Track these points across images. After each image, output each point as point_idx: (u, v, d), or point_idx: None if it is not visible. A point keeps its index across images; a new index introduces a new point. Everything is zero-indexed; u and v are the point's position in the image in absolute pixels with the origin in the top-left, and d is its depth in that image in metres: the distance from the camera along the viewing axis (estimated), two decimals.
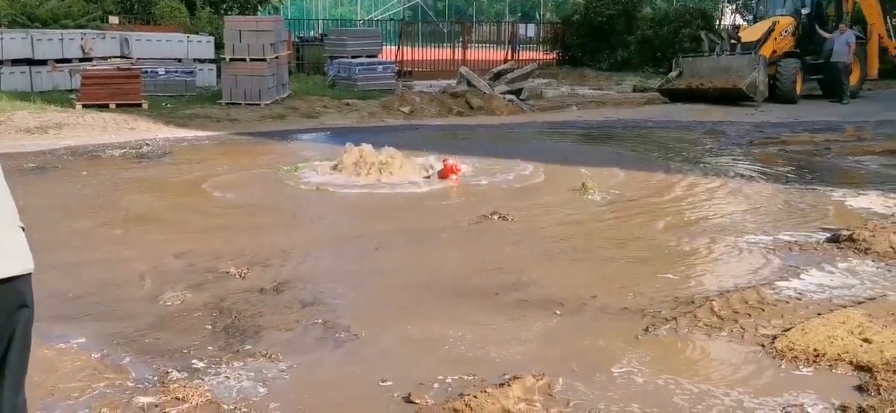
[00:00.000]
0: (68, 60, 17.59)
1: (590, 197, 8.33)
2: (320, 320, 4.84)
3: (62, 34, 17.86)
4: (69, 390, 3.78)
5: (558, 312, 4.98)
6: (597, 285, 5.53)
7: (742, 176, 9.82)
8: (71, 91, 16.35)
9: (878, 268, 5.88)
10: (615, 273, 5.87)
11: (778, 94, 18.38)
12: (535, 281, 5.61)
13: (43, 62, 17.07)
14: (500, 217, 7.40)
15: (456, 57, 26.47)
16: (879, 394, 3.77)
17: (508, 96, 17.72)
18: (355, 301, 5.26)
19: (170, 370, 4.03)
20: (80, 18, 20.12)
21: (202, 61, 19.79)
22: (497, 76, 18.98)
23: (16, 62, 16.72)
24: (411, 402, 3.73)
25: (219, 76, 18.74)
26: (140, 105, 15.54)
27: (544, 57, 28.53)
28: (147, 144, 12.00)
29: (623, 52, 27.00)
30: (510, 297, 5.29)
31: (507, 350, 4.40)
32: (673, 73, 19.59)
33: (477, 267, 6.01)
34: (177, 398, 3.70)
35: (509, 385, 3.84)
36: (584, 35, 27.28)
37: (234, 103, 16.09)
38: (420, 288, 5.52)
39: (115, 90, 15.68)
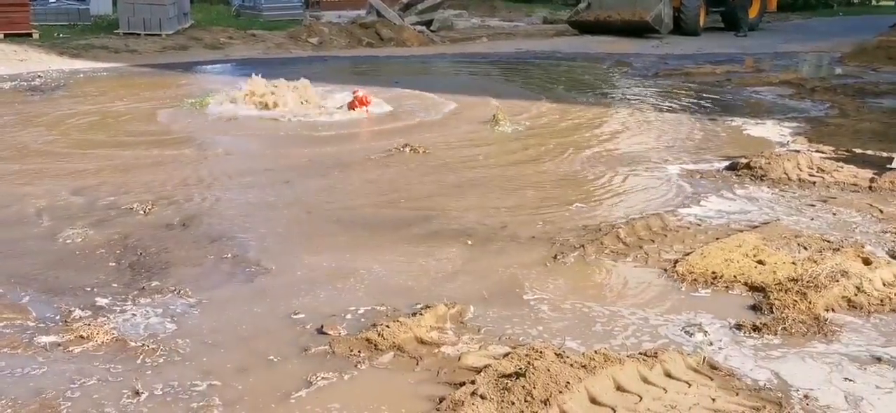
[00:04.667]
0: None
1: (501, 129, 8.39)
2: (229, 255, 4.77)
3: None
4: None
5: (469, 242, 5.04)
6: (507, 215, 5.61)
7: (648, 106, 10.07)
8: None
9: (772, 194, 6.16)
10: (525, 203, 5.96)
11: (682, 26, 18.84)
12: (447, 212, 5.65)
13: None
14: (411, 149, 7.39)
15: None
16: (772, 312, 3.98)
17: (419, 27, 17.58)
18: (265, 235, 5.19)
19: (72, 309, 3.91)
20: None
21: None
22: (407, 7, 18.77)
23: None
24: (324, 333, 3.73)
25: (115, 5, 17.88)
26: (30, 35, 14.74)
27: None
28: (39, 76, 11.43)
29: None
30: (422, 229, 5.32)
31: (418, 280, 4.43)
32: (582, 5, 19.78)
33: (388, 199, 6.01)
34: (81, 337, 3.60)
35: (421, 314, 3.88)
36: None
37: (132, 33, 15.42)
38: (331, 221, 5.48)
39: (2, 19, 14.79)
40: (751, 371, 3.42)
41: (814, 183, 6.36)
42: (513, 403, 3.03)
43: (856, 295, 4.14)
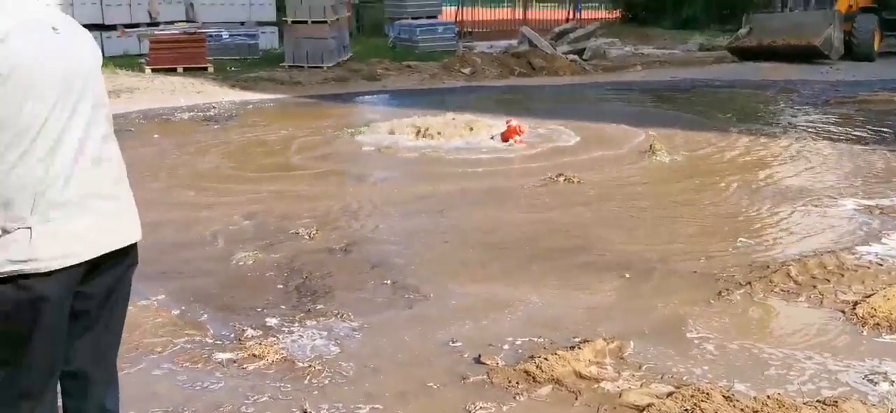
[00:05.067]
0: (136, 25, 17.95)
1: (658, 158, 8.18)
2: (389, 281, 4.88)
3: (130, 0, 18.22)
4: (152, 345, 3.90)
5: (627, 275, 4.92)
6: (666, 248, 5.45)
7: (818, 136, 9.51)
8: (140, 56, 16.70)
9: None
10: (685, 236, 5.76)
11: (854, 51, 17.68)
12: (604, 243, 5.56)
13: (113, 27, 17.45)
14: (566, 179, 7.33)
15: (517, 17, 26.17)
16: None
17: (571, 56, 17.47)
18: (423, 262, 5.28)
19: (245, 328, 4.12)
20: None
21: (264, 24, 19.99)
22: (559, 36, 18.72)
23: (87, 27, 17.09)
24: (481, 363, 3.74)
25: (281, 39, 18.91)
26: (206, 69, 15.80)
27: (607, 16, 28.00)
28: (213, 107, 12.20)
29: (688, 9, 26.23)
30: (578, 260, 5.25)
31: (576, 313, 4.37)
32: (743, 31, 18.98)
33: (544, 229, 5.98)
34: (254, 355, 3.79)
35: (580, 348, 3.82)
36: None
37: (296, 66, 16.23)
38: (487, 249, 5.51)
39: (181, 54, 15.97)
40: None
41: None
42: None
43: None
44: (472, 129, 9.56)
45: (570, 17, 25.92)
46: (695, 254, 5.30)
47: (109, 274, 2.30)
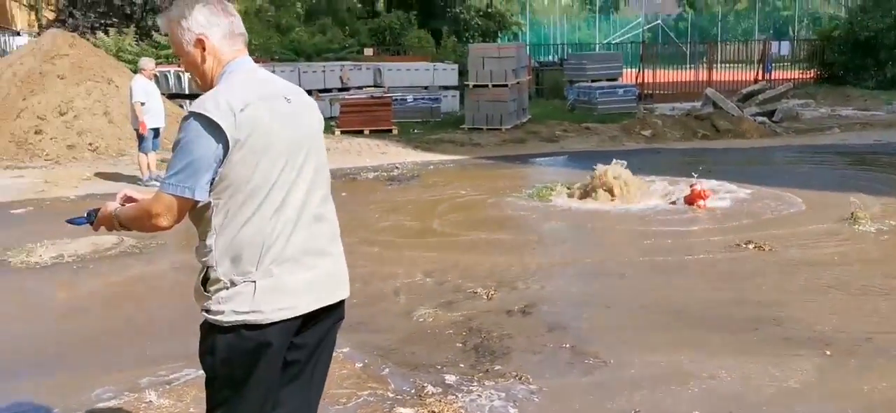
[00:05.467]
0: (329, 90, 19.11)
1: (860, 227, 7.58)
2: (568, 344, 4.81)
3: (324, 66, 19.47)
4: (338, 396, 4.04)
5: (828, 352, 4.56)
6: (871, 324, 5.01)
7: None
8: (331, 119, 17.72)
9: None
10: (893, 312, 5.27)
11: None
12: (799, 316, 5.19)
13: (308, 93, 18.62)
14: (755, 246, 6.96)
15: (700, 78, 25.45)
16: None
17: (759, 118, 16.71)
18: (602, 327, 5.16)
19: (425, 384, 4.19)
20: (340, 51, 21.80)
21: (446, 88, 20.66)
22: (746, 97, 17.98)
23: None
24: None
25: (462, 102, 19.45)
26: (390, 131, 16.50)
27: (800, 76, 26.62)
28: (397, 168, 12.67)
29: (893, 68, 24.43)
30: (770, 333, 4.94)
31: (766, 390, 4.09)
32: None
33: (731, 298, 5.68)
34: (433, 412, 3.83)
35: None
36: (846, 51, 25.11)
37: (476, 128, 16.60)
38: (670, 317, 5.31)
39: (368, 117, 16.81)
40: None
41: None
42: None
43: None
44: (653, 191, 9.33)
45: (759, 77, 24.84)
46: None
47: (320, 327, 2.44)
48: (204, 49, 2.35)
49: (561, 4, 53.03)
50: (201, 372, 2.39)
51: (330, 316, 2.46)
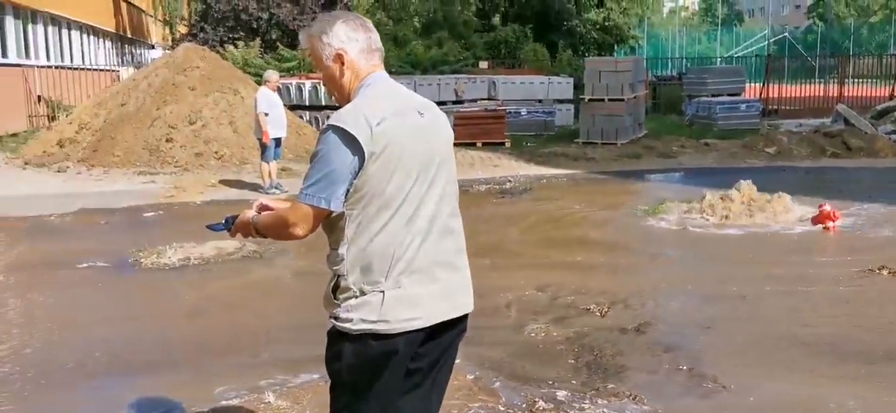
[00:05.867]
0: (443, 103, 19.30)
1: None
2: (684, 366, 4.66)
3: (440, 79, 19.69)
4: (449, 407, 4.03)
5: None
6: None
7: None
8: None
9: None
10: None
11: None
12: None
13: None
14: (889, 272, 6.56)
15: (830, 94, 24.26)
16: None
17: (895, 137, 15.77)
18: (721, 350, 4.97)
19: (537, 399, 4.15)
20: (455, 64, 22.01)
21: (561, 102, 20.50)
22: (881, 114, 17.05)
23: None
24: None
25: (576, 116, 19.25)
26: (503, 144, 16.52)
27: None
28: (509, 181, 12.66)
29: None
30: None
31: None
32: None
33: (862, 325, 5.37)
34: None
35: None
36: None
37: (590, 142, 16.40)
38: (794, 343, 5.06)
39: (482, 130, 16.88)
40: None
41: None
42: None
43: None
44: (777, 210, 8.95)
45: (894, 93, 23.46)
46: None
47: (444, 339, 2.45)
48: (342, 63, 2.42)
49: (681, 17, 51.79)
50: (316, 376, 2.45)
51: (454, 328, 2.47)
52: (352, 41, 2.42)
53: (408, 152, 2.31)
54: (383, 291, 2.29)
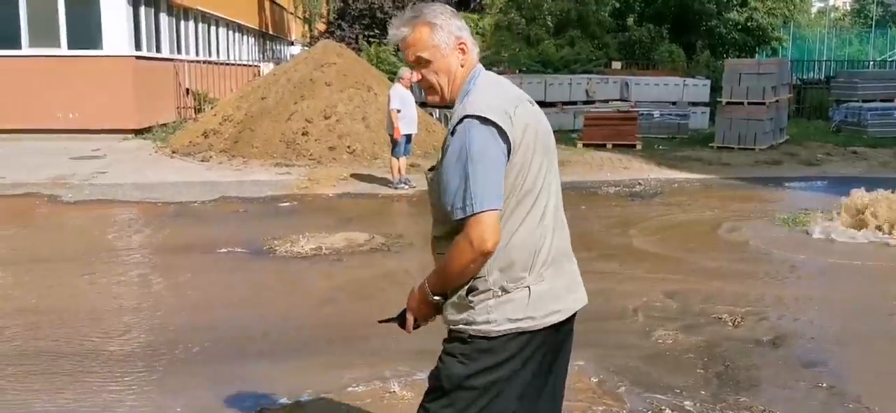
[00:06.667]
0: (574, 103, 19.11)
1: None
2: (824, 384, 4.41)
3: (571, 79, 19.50)
4: (572, 408, 3.99)
5: None
6: None
7: None
8: (573, 131, 17.70)
9: None
10: None
11: None
12: None
13: (553, 104, 18.78)
14: None
15: None
16: None
17: None
18: (865, 369, 4.68)
19: (663, 407, 4.03)
20: (587, 64, 21.72)
21: (696, 104, 19.85)
22: None
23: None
24: None
25: (712, 119, 18.59)
26: (634, 146, 16.15)
27: None
28: (639, 184, 12.36)
29: None
30: None
31: None
32: None
33: None
34: None
35: None
36: None
37: (726, 147, 15.80)
38: None
39: (612, 131, 16.57)
40: None
41: None
42: None
43: None
44: None
45: None
46: None
47: (564, 332, 2.40)
48: (464, 52, 2.29)
49: (830, 18, 49.05)
50: None
51: (570, 322, 2.41)
52: (465, 30, 2.32)
53: (538, 141, 2.24)
54: (528, 286, 2.22)
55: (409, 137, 11.48)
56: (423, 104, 16.82)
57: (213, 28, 24.07)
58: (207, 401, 4.19)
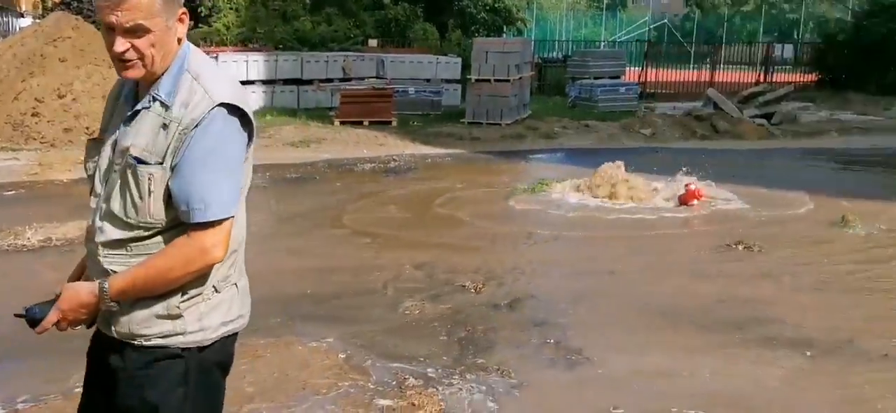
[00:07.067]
0: (331, 80, 19.09)
1: (851, 231, 7.60)
2: (552, 340, 4.83)
3: (328, 56, 19.44)
4: (318, 386, 4.06)
5: (809, 353, 4.58)
6: (854, 327, 5.03)
7: None
8: (331, 109, 17.71)
9: None
10: (877, 315, 5.29)
11: None
12: (784, 318, 5.21)
13: (310, 82, 18.66)
14: (745, 247, 6.97)
15: (703, 79, 25.41)
16: None
17: (758, 120, 16.70)
18: (588, 324, 5.18)
19: (407, 376, 4.21)
20: (344, 42, 21.77)
21: (449, 81, 20.63)
22: (747, 99, 17.96)
23: (287, 82, 18.47)
24: None
25: (463, 96, 19.43)
26: (390, 122, 16.48)
27: (801, 79, 26.55)
28: (394, 160, 12.67)
29: (895, 73, 24.34)
30: (754, 333, 4.96)
31: (749, 390, 4.12)
32: None
33: (718, 298, 5.70)
34: (413, 404, 3.85)
35: None
36: (849, 55, 25.02)
37: (476, 122, 16.58)
38: (656, 316, 5.33)
39: (368, 108, 16.78)
40: None
41: None
42: None
43: None
44: (648, 189, 9.33)
45: (761, 79, 24.81)
46: (887, 335, 4.85)
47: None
48: (183, 23, 1.99)
49: (568, 1, 52.96)
50: None
51: None
52: None
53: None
54: (235, 283, 2.07)
55: None
56: None
57: None
58: None
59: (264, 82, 18.19)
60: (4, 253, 6.78)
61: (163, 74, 1.96)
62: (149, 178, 1.90)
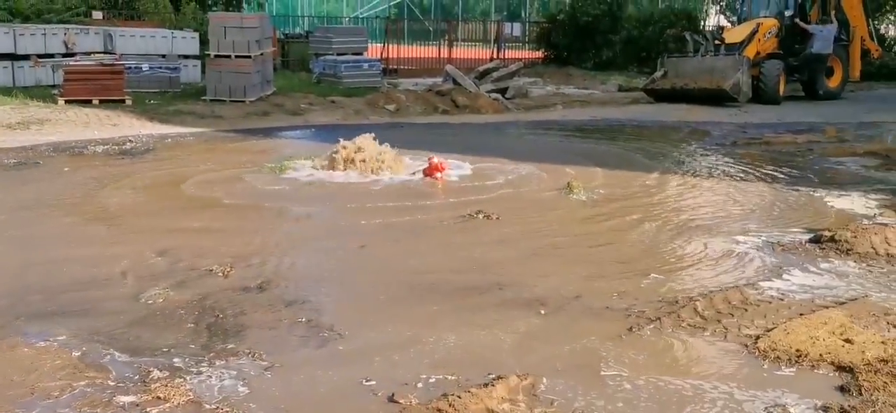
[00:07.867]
0: (51, 56, 17.40)
1: (575, 196, 8.34)
2: (303, 319, 4.82)
3: (45, 29, 17.68)
4: (49, 389, 3.73)
5: (542, 311, 4.98)
6: (581, 285, 5.54)
7: (726, 176, 9.87)
8: (54, 87, 16.20)
9: (859, 269, 5.92)
10: (599, 273, 5.87)
11: (761, 94, 18.50)
12: (519, 280, 5.61)
13: (26, 57, 16.89)
14: (484, 216, 7.40)
15: (442, 55, 26.43)
16: (861, 394, 3.79)
17: (494, 95, 17.73)
18: (339, 300, 5.24)
19: (151, 369, 4.00)
20: (63, 13, 19.93)
21: (187, 57, 19.65)
22: (483, 75, 18.98)
23: None
24: (395, 401, 3.72)
25: (204, 73, 18.63)
26: (123, 101, 15.41)
27: (530, 56, 28.54)
28: (130, 141, 11.92)
29: (608, 51, 26.99)
30: (494, 297, 5.29)
31: (490, 350, 4.40)
32: (658, 73, 19.65)
33: (461, 266, 6.01)
34: (158, 397, 3.67)
35: (493, 385, 3.83)
36: (569, 34, 27.28)
37: (218, 100, 16.00)
38: (404, 287, 5.50)
39: (98, 86, 15.55)
40: None
41: None
42: None
43: None
44: (393, 165, 9.58)
45: (494, 56, 26.32)
46: (608, 290, 5.41)
47: None
48: None
49: None
50: None
51: None
52: None
53: None
54: None
55: None
56: None
57: None
58: None
59: None
60: None
61: None
62: None
